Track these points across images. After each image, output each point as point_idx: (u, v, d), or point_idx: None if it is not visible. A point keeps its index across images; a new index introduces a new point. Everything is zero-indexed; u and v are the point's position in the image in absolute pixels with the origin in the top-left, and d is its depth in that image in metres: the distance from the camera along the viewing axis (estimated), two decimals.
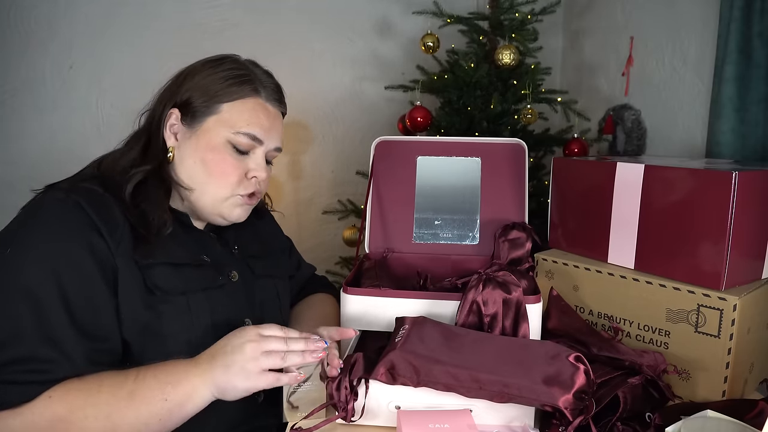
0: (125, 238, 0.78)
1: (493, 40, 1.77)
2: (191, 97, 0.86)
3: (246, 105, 0.87)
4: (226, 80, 0.87)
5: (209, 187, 0.86)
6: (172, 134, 0.87)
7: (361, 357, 0.78)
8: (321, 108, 2.25)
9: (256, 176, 0.89)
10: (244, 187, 0.88)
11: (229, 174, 0.86)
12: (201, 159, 0.86)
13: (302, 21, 2.17)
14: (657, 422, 0.74)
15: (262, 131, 0.88)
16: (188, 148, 0.86)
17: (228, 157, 0.86)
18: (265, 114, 0.89)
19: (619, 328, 0.97)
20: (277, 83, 0.93)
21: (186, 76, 0.89)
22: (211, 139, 0.86)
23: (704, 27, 1.52)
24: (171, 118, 0.86)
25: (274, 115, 0.91)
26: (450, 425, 0.71)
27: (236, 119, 0.86)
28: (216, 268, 0.88)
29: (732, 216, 0.83)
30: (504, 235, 1.05)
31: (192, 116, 0.86)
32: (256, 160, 0.89)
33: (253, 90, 0.88)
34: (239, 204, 0.89)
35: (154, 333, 0.78)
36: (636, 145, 1.80)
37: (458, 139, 1.13)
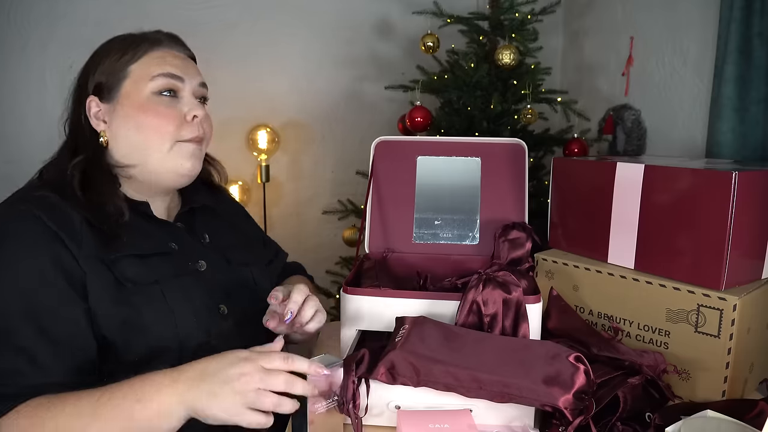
0: (86, 239, 0.77)
1: (493, 40, 1.78)
2: (100, 80, 0.86)
3: (152, 57, 0.86)
4: (121, 49, 0.86)
5: (152, 145, 0.85)
6: (99, 120, 0.86)
7: (367, 353, 0.78)
8: (321, 108, 2.25)
9: (196, 114, 0.87)
10: (187, 131, 0.86)
11: (164, 122, 0.85)
12: (134, 122, 0.84)
13: (302, 21, 2.17)
14: (657, 422, 0.74)
15: (176, 69, 0.87)
16: (118, 120, 0.85)
17: (158, 107, 0.85)
18: (172, 57, 0.89)
19: (619, 328, 0.97)
20: (171, 33, 0.93)
21: (87, 68, 0.88)
22: (135, 99, 0.84)
23: (704, 27, 1.53)
24: (92, 108, 0.86)
25: (183, 57, 0.91)
26: (450, 425, 0.71)
27: (148, 69, 0.85)
28: (183, 256, 0.87)
29: (732, 216, 0.83)
30: (504, 235, 1.05)
31: (109, 92, 0.85)
32: (187, 100, 0.88)
33: (151, 44, 0.87)
34: (186, 151, 0.87)
35: (135, 326, 0.78)
36: (636, 145, 1.80)
37: (458, 139, 1.13)
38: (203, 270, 0.89)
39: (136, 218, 0.85)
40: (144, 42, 0.87)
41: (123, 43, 0.87)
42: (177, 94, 0.87)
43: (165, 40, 0.90)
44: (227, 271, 0.93)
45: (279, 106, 2.19)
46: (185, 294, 0.84)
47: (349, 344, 0.90)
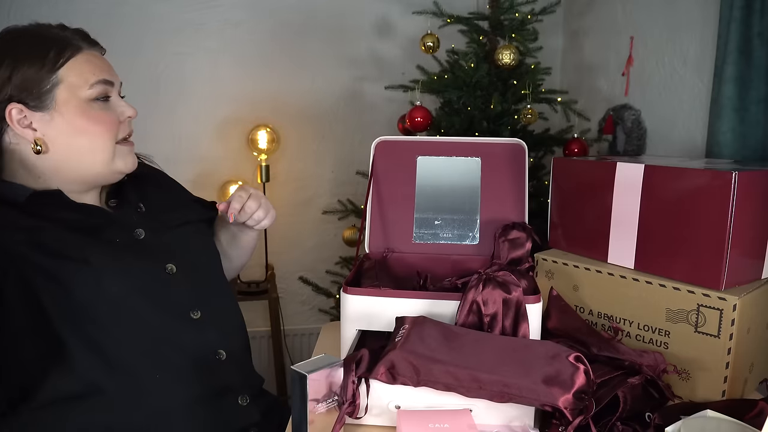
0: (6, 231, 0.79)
1: (493, 40, 1.77)
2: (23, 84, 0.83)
3: (79, 61, 0.87)
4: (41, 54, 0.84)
5: (96, 149, 0.88)
6: (26, 128, 0.85)
7: (366, 353, 0.78)
8: (321, 108, 2.25)
9: (130, 115, 0.92)
10: (122, 131, 0.91)
11: (107, 128, 0.88)
12: (76, 128, 0.86)
13: (302, 21, 2.17)
14: (657, 422, 0.74)
15: (107, 74, 0.90)
16: (57, 127, 0.85)
17: (98, 113, 0.88)
18: (97, 60, 0.90)
19: (619, 328, 0.97)
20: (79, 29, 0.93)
21: None
22: (74, 106, 0.86)
23: (704, 27, 1.52)
24: (13, 114, 0.83)
25: (102, 58, 0.93)
26: (450, 425, 0.71)
27: (82, 75, 0.86)
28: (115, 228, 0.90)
29: (732, 216, 0.83)
30: (504, 235, 1.05)
31: (38, 99, 0.84)
32: (117, 102, 0.92)
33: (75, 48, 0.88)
34: (126, 152, 0.92)
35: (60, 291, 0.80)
36: (636, 145, 1.80)
37: (458, 139, 1.13)
38: (142, 238, 0.92)
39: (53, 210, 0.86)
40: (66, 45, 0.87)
41: (38, 45, 0.85)
42: (109, 98, 0.91)
43: (82, 41, 0.90)
44: (167, 234, 0.96)
45: (279, 106, 2.19)
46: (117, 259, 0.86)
47: (349, 344, 0.90)
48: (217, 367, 0.91)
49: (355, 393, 0.74)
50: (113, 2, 2.00)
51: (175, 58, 2.09)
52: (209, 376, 0.90)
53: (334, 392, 0.74)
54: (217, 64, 2.12)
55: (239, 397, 0.93)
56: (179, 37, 2.09)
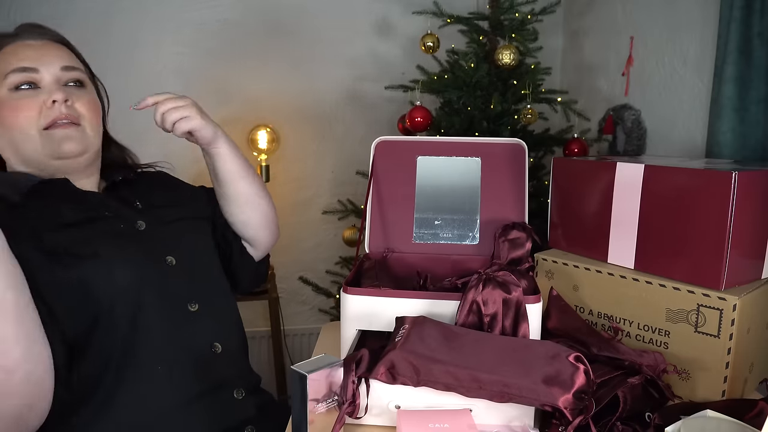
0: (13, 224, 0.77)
1: (493, 40, 1.77)
2: None
3: (5, 54, 0.87)
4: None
5: (20, 139, 0.86)
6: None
7: (366, 353, 0.78)
8: (321, 108, 2.25)
9: (55, 99, 0.86)
10: (45, 117, 0.86)
11: (22, 115, 0.85)
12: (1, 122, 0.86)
13: (302, 21, 2.17)
14: (657, 422, 0.74)
15: (29, 60, 0.86)
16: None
17: (16, 102, 0.85)
18: (26, 49, 0.88)
19: (619, 328, 0.97)
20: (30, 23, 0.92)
21: None
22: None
23: (704, 27, 1.53)
24: None
25: (40, 45, 0.89)
26: (450, 425, 0.71)
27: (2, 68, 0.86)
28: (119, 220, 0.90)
29: (732, 216, 0.83)
30: (504, 235, 1.05)
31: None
32: (46, 88, 0.87)
33: (5, 40, 0.87)
34: (60, 136, 0.87)
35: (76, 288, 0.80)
36: (636, 145, 1.80)
37: (458, 139, 1.13)
38: (142, 229, 0.92)
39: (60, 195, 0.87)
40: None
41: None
42: (37, 85, 0.87)
43: (21, 33, 0.89)
44: (164, 230, 0.95)
45: (279, 106, 2.19)
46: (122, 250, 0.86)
47: (349, 344, 0.90)
48: (213, 360, 0.92)
49: (355, 393, 0.74)
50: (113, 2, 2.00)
51: (175, 57, 2.09)
52: (205, 368, 0.90)
53: (334, 392, 0.74)
54: (217, 64, 2.12)
55: (235, 390, 0.93)
56: (179, 37, 2.09)
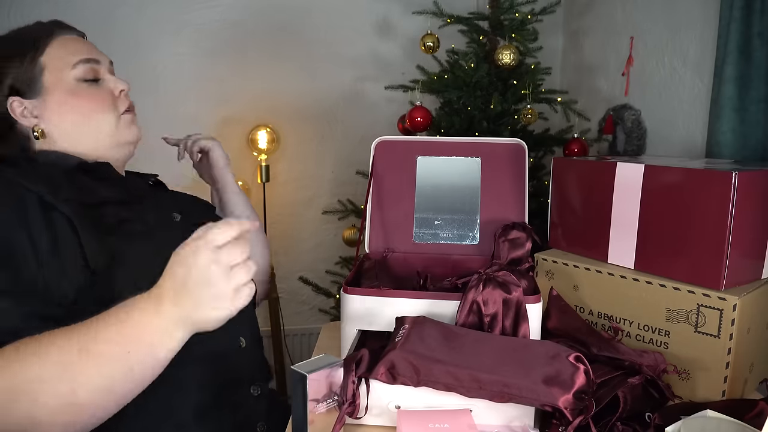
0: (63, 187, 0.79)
1: (493, 40, 1.77)
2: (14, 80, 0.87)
3: (55, 45, 0.89)
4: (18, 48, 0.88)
5: (98, 119, 0.90)
6: (29, 117, 0.88)
7: (366, 353, 0.78)
8: (321, 108, 2.25)
9: (123, 89, 0.94)
10: (121, 104, 0.93)
11: (100, 101, 0.90)
12: (70, 108, 0.88)
13: (301, 21, 2.17)
14: (657, 422, 0.74)
15: (88, 53, 0.91)
16: (52, 111, 0.88)
17: (87, 91, 0.89)
18: (74, 41, 0.92)
19: (619, 328, 0.97)
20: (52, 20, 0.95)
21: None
22: (63, 88, 0.88)
23: (704, 27, 1.53)
24: (15, 106, 0.87)
25: (81, 39, 0.95)
26: (450, 425, 0.71)
27: (63, 58, 0.88)
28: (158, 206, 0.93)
29: (732, 216, 0.83)
30: (504, 235, 1.05)
31: (30, 88, 0.87)
32: (110, 79, 0.93)
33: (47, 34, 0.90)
34: (129, 121, 0.94)
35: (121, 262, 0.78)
36: (636, 145, 1.80)
37: (458, 139, 1.13)
38: (177, 221, 0.94)
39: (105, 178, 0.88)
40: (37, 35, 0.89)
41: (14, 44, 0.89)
42: (98, 77, 0.92)
43: (55, 27, 0.92)
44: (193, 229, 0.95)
45: (279, 106, 2.19)
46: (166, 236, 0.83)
47: (349, 344, 0.90)
48: (236, 355, 0.91)
49: (355, 393, 0.74)
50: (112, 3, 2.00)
51: (175, 58, 2.09)
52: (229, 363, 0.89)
53: (334, 392, 0.74)
54: (217, 65, 2.12)
55: (251, 387, 0.92)
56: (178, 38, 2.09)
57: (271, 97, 2.18)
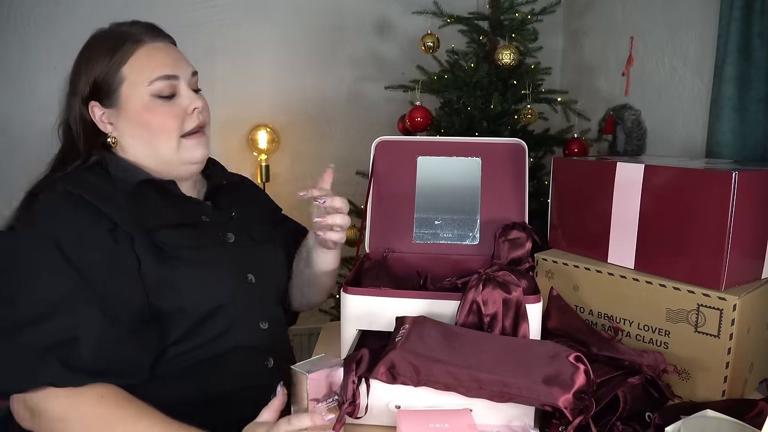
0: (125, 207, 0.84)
1: (493, 40, 1.77)
2: (95, 83, 0.89)
3: (139, 57, 0.89)
4: (107, 53, 0.89)
5: (160, 142, 0.90)
6: (105, 123, 0.91)
7: (367, 353, 0.78)
8: (321, 108, 2.24)
9: (196, 107, 0.92)
10: (189, 123, 0.92)
11: (169, 122, 0.90)
12: (140, 123, 0.89)
13: (302, 21, 2.17)
14: (657, 422, 0.74)
15: (169, 68, 0.91)
16: (124, 123, 0.90)
17: (161, 108, 0.89)
18: (159, 53, 0.91)
19: (619, 328, 0.97)
20: (147, 23, 0.96)
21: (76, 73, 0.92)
22: (136, 103, 0.89)
23: (704, 27, 1.53)
24: (96, 111, 0.90)
25: (167, 49, 0.94)
26: (450, 425, 0.71)
27: (142, 73, 0.89)
28: (214, 228, 0.94)
29: (732, 216, 0.83)
30: (504, 235, 1.05)
31: (108, 97, 0.90)
32: (185, 95, 0.92)
33: (134, 42, 0.90)
34: (193, 144, 0.93)
35: (171, 287, 0.83)
36: (636, 145, 1.80)
37: (458, 139, 1.13)
38: (231, 242, 0.95)
39: (166, 196, 0.91)
40: (126, 41, 0.90)
41: (106, 44, 0.90)
42: (174, 93, 0.91)
43: (145, 34, 0.92)
44: (252, 246, 0.99)
45: (279, 106, 2.19)
46: (215, 261, 0.89)
47: (349, 344, 0.90)
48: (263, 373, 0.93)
49: (355, 393, 0.74)
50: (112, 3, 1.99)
51: None
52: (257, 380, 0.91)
53: (334, 392, 0.74)
54: (217, 64, 2.12)
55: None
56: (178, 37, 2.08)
57: (271, 97, 2.18)
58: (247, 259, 0.96)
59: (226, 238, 0.95)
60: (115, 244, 0.80)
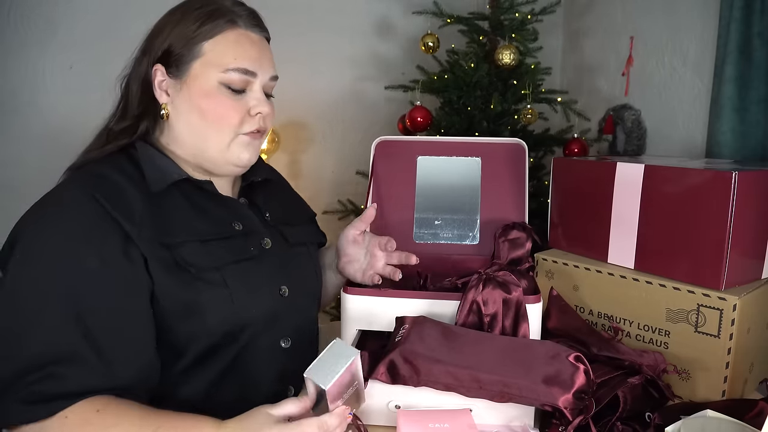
0: (146, 221, 0.75)
1: (493, 40, 1.77)
2: (170, 47, 0.82)
3: (227, 39, 0.82)
4: (197, 20, 0.81)
5: (211, 135, 0.82)
6: (162, 91, 0.83)
7: (366, 354, 0.78)
8: (321, 108, 2.25)
9: (260, 112, 0.85)
10: (248, 125, 0.84)
11: (228, 117, 0.82)
12: (197, 108, 0.82)
13: (302, 21, 2.17)
14: (657, 422, 0.74)
15: (252, 63, 0.83)
16: (181, 99, 0.83)
17: (225, 100, 0.82)
18: (249, 43, 0.84)
19: (619, 328, 0.97)
20: (252, 9, 0.88)
21: (158, 29, 0.84)
22: (202, 85, 0.81)
23: (704, 27, 1.53)
24: (157, 76, 0.82)
25: (260, 43, 0.87)
26: (450, 425, 0.71)
27: (222, 57, 0.81)
28: (248, 237, 0.86)
29: (732, 216, 0.83)
30: (504, 235, 1.05)
31: (176, 66, 0.82)
32: (255, 96, 0.85)
33: (229, 21, 0.83)
34: (245, 144, 0.85)
35: (194, 311, 0.77)
36: (636, 145, 1.80)
37: (458, 139, 1.13)
38: (268, 248, 0.88)
39: (200, 197, 0.84)
40: (221, 17, 0.82)
41: (200, 11, 0.82)
42: (246, 88, 0.85)
43: (244, 17, 0.84)
44: (286, 251, 0.92)
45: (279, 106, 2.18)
46: (246, 280, 0.82)
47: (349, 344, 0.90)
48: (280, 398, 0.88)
49: None
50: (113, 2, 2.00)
51: None
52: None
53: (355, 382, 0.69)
54: None
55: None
56: None
57: None
58: (283, 267, 0.89)
59: (263, 244, 0.88)
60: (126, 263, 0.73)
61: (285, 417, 0.66)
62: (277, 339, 0.88)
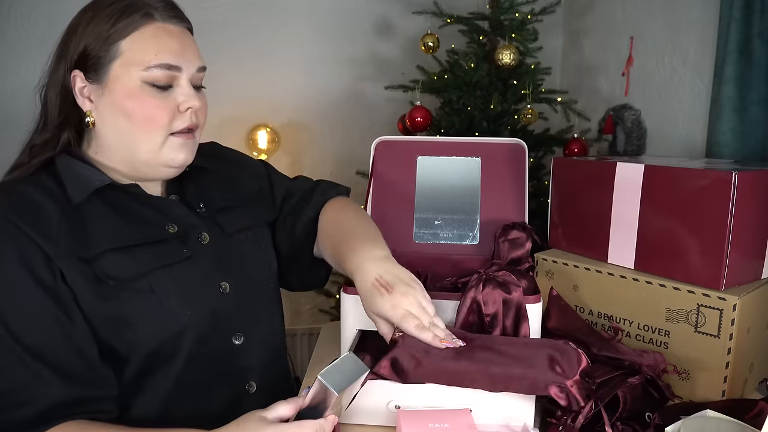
0: (64, 237, 0.73)
1: (493, 40, 1.77)
2: (85, 49, 0.76)
3: (145, 34, 0.77)
4: (111, 17, 0.76)
5: (141, 138, 0.78)
6: (85, 98, 0.79)
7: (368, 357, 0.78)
8: (321, 108, 2.25)
9: (191, 106, 0.80)
10: (179, 122, 0.80)
11: (157, 117, 0.77)
12: (122, 111, 0.77)
13: (302, 21, 2.17)
14: (657, 422, 0.74)
15: (174, 56, 0.78)
16: (105, 105, 0.78)
17: (151, 99, 0.77)
18: (169, 36, 0.78)
19: (619, 328, 0.97)
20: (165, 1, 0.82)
21: (70, 31, 0.79)
22: (125, 86, 0.76)
23: (704, 27, 1.53)
24: (77, 82, 0.78)
25: (180, 34, 0.81)
26: (450, 425, 0.71)
27: (142, 54, 0.76)
28: (183, 236, 0.82)
29: (732, 216, 0.83)
30: (504, 235, 1.05)
31: (95, 70, 0.77)
32: (182, 91, 0.80)
33: (145, 15, 0.77)
34: (180, 144, 0.80)
35: (121, 322, 0.75)
36: (636, 145, 1.80)
37: (458, 139, 1.13)
38: (206, 243, 0.84)
39: (126, 202, 0.80)
40: (136, 11, 0.77)
41: (112, 7, 0.77)
42: (172, 83, 0.80)
43: (160, 9, 0.79)
44: (225, 242, 0.88)
45: (279, 106, 2.19)
46: (176, 283, 0.79)
47: (349, 344, 0.90)
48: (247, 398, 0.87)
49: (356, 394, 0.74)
50: None
51: None
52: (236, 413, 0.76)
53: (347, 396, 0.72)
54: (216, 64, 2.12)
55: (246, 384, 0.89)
56: None
57: (271, 97, 2.18)
58: (221, 262, 0.85)
59: (200, 239, 0.84)
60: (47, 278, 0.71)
61: (278, 419, 0.67)
62: (228, 337, 0.85)
